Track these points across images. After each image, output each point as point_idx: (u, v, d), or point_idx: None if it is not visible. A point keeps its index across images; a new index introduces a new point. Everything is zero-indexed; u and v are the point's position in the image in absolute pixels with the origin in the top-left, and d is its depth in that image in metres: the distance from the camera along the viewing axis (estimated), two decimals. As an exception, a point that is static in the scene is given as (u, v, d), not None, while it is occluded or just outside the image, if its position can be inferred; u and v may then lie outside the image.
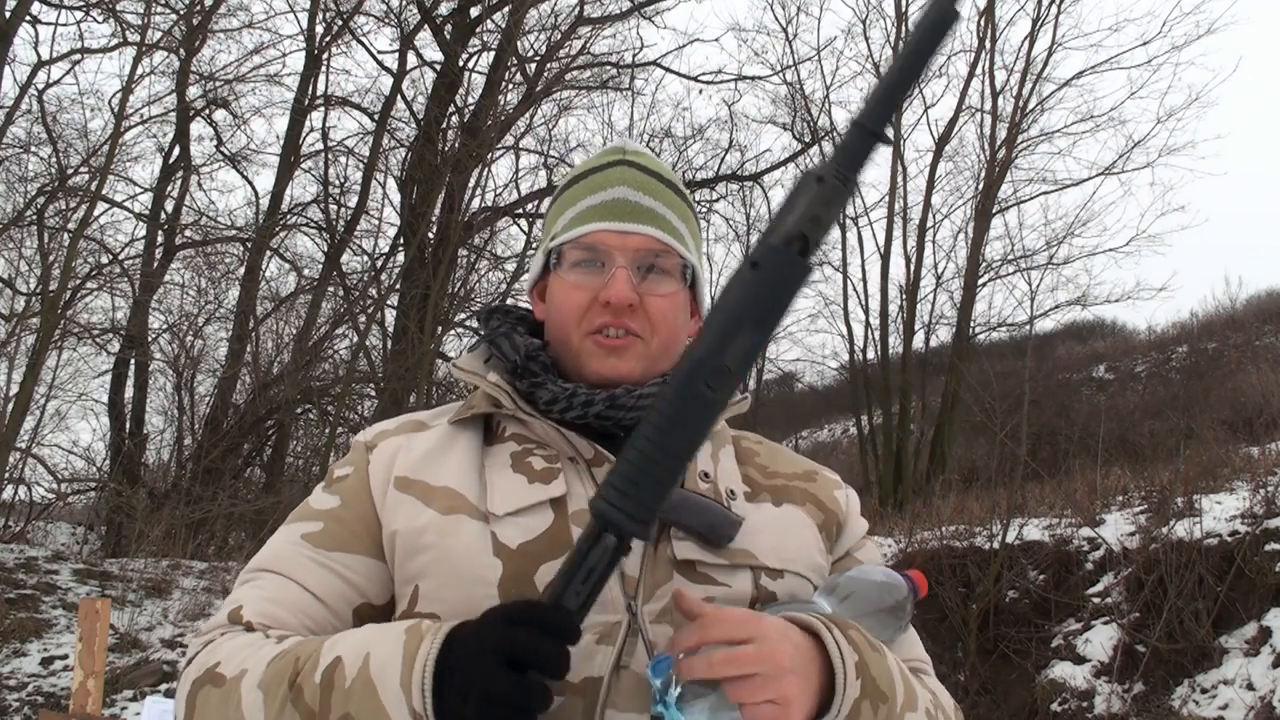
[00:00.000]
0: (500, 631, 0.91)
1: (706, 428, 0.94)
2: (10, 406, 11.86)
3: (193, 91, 14.77)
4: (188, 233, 15.35)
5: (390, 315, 15.30)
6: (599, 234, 1.15)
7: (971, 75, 16.04)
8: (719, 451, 1.21)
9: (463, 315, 15.02)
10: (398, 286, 15.06)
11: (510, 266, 15.87)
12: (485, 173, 15.19)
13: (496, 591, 1.04)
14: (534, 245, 16.03)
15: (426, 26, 15.56)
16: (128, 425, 14.56)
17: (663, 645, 1.04)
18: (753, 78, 17.25)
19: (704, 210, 17.16)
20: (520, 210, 16.10)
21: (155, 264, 14.58)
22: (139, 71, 12.99)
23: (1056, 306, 15.78)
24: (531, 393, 1.14)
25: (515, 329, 1.21)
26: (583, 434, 1.13)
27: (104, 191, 13.00)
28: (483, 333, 1.23)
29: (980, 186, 15.84)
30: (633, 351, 1.15)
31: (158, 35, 13.53)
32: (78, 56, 13.53)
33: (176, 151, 15.16)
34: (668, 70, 16.63)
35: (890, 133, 0.94)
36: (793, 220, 0.91)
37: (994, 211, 15.55)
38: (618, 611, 1.04)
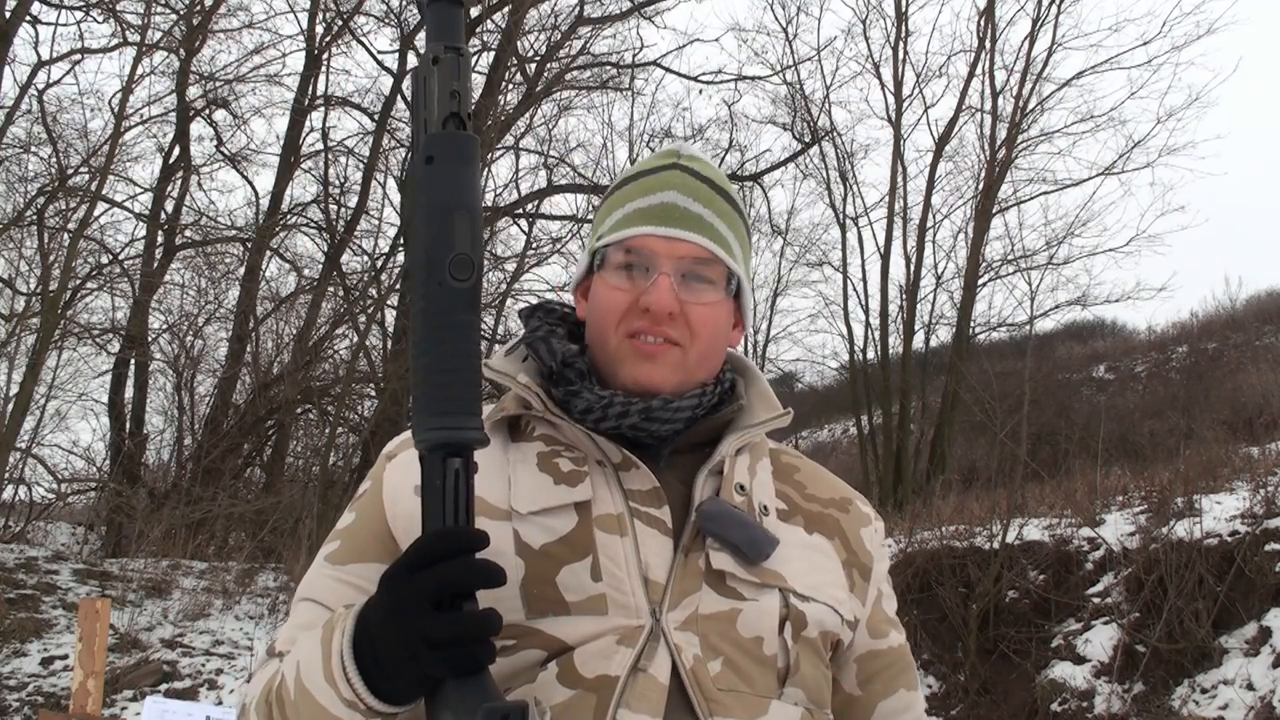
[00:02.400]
0: (412, 581, 0.89)
1: (473, 315, 0.95)
2: (10, 406, 11.85)
3: (193, 91, 14.76)
4: (188, 233, 15.33)
5: (390, 315, 15.29)
6: (645, 238, 1.14)
7: (971, 75, 16.05)
8: (756, 464, 1.20)
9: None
10: (398, 286, 15.04)
11: (510, 267, 15.86)
12: (485, 173, 15.21)
13: (519, 592, 1.04)
14: (534, 245, 16.02)
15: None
16: (128, 425, 14.54)
17: (687, 652, 1.03)
18: (753, 78, 17.21)
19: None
20: (520, 210, 16.09)
21: (155, 264, 14.56)
22: (139, 71, 12.97)
23: (1056, 306, 15.79)
24: (567, 401, 1.13)
25: (554, 331, 1.20)
26: (613, 440, 1.12)
27: (104, 191, 12.99)
28: (523, 331, 1.22)
29: (980, 186, 15.83)
30: (669, 359, 1.13)
31: (158, 35, 13.51)
32: (78, 56, 13.49)
33: (176, 151, 15.14)
34: (668, 70, 16.60)
35: None
36: (438, 106, 0.96)
37: (994, 211, 15.54)
38: (641, 617, 1.04)
